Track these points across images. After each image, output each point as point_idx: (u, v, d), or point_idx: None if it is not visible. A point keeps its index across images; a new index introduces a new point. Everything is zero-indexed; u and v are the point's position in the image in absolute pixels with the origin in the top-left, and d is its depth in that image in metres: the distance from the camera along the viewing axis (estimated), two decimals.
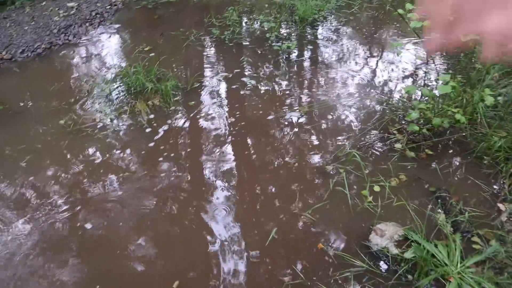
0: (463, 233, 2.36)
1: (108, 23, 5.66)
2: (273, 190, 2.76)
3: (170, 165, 3.04)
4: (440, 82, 2.64)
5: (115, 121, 3.53)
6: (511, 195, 2.58)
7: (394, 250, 2.26)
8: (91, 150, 3.23)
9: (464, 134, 3.00)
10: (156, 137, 3.31)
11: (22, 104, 3.89)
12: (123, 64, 4.41)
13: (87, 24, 5.52)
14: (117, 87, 4.00)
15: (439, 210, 2.52)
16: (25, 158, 3.20)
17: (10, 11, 6.01)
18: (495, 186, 2.68)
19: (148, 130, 3.40)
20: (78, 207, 2.75)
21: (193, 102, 3.71)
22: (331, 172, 2.85)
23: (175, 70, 4.22)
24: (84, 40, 5.20)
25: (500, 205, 2.55)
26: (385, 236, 2.33)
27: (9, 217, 2.72)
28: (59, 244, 2.51)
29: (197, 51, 4.64)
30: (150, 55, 4.53)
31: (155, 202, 2.75)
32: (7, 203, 2.83)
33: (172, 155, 3.13)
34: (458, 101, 3.19)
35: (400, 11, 2.80)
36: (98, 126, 3.48)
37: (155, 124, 3.45)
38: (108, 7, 6.10)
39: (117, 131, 3.42)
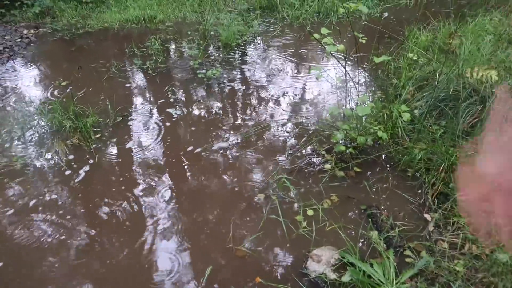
0: (395, 248, 2.40)
1: (20, 57, 5.27)
2: (205, 226, 2.64)
3: (93, 207, 2.81)
4: (360, 102, 2.73)
5: (29, 166, 3.22)
6: (435, 204, 2.69)
7: (332, 275, 2.24)
8: (3, 199, 2.90)
9: (387, 149, 3.11)
10: (77, 179, 3.06)
11: None
12: (38, 102, 4.08)
13: None
14: (30, 128, 3.69)
15: (372, 228, 2.55)
16: None
17: None
18: (420, 197, 2.78)
19: (67, 172, 3.13)
20: None
21: (116, 138, 3.50)
22: (264, 200, 2.80)
23: (96, 105, 3.98)
24: None
25: (426, 216, 2.65)
26: (321, 261, 2.30)
27: None
28: None
29: (119, 83, 4.44)
30: (68, 90, 4.26)
31: (84, 244, 2.51)
32: None
33: (95, 197, 2.90)
34: (379, 117, 3.33)
35: (316, 35, 2.87)
36: (11, 172, 3.15)
37: (75, 165, 3.19)
38: (19, 40, 5.70)
39: (32, 176, 3.11)
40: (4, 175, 3.12)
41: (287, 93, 4.13)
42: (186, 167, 3.17)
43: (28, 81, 4.68)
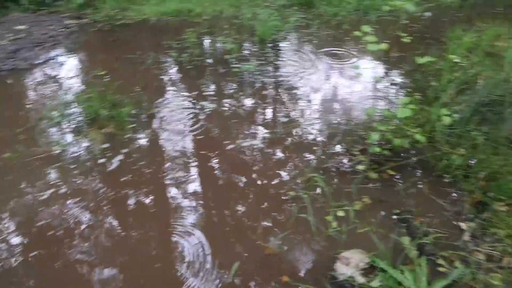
0: (428, 256, 2.31)
1: (62, 46, 5.44)
2: (235, 220, 2.64)
3: (124, 196, 2.87)
4: (400, 104, 2.64)
5: (66, 152, 3.31)
6: (472, 214, 2.58)
7: (361, 279, 2.18)
8: (38, 184, 3.00)
9: (424, 153, 3.00)
10: (110, 168, 3.13)
11: None
12: (76, 90, 4.20)
13: (38, 48, 5.27)
14: (69, 115, 3.79)
15: (404, 233, 2.47)
16: None
17: None
18: (456, 205, 2.68)
19: (101, 160, 3.20)
20: (26, 241, 2.52)
21: (149, 129, 3.55)
22: (294, 198, 2.76)
23: (132, 95, 4.05)
24: (34, 64, 4.95)
25: (462, 224, 2.54)
26: (350, 264, 2.25)
27: None
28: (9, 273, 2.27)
29: (155, 74, 4.50)
30: (106, 79, 4.36)
31: (113, 233, 2.57)
32: None
33: (128, 185, 2.96)
34: (417, 120, 3.22)
35: (358, 33, 2.80)
36: (48, 158, 3.25)
37: (109, 154, 3.26)
38: (62, 29, 5.88)
39: (68, 162, 3.20)
40: (42, 160, 3.23)
41: (320, 91, 4.07)
42: (216, 161, 3.17)
43: (68, 69, 4.82)
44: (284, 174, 3.01)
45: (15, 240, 2.58)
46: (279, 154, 3.21)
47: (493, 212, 2.52)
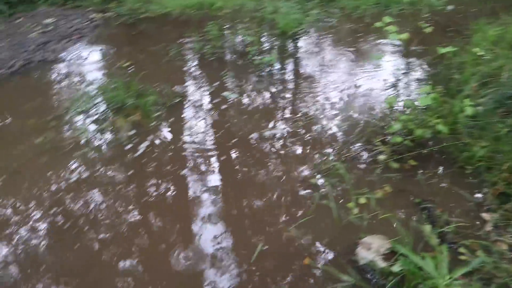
0: (449, 244, 2.33)
1: (87, 39, 5.58)
2: (258, 205, 2.71)
3: (151, 182, 2.96)
4: (421, 93, 2.65)
5: (93, 139, 3.43)
6: (495, 204, 2.58)
7: (381, 264, 2.22)
8: (68, 169, 3.12)
9: (446, 144, 3.00)
10: (136, 154, 3.23)
11: None
12: (103, 80, 4.32)
13: (65, 40, 5.43)
14: (96, 104, 3.91)
15: (425, 222, 2.49)
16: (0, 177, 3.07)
17: None
18: (478, 196, 2.68)
19: (128, 147, 3.31)
20: (57, 227, 2.63)
21: (173, 118, 3.64)
22: (317, 185, 2.81)
23: (156, 85, 4.15)
24: (62, 56, 5.10)
25: (485, 215, 2.54)
26: (371, 249, 2.29)
27: None
28: (37, 264, 2.39)
29: (177, 66, 4.60)
30: (130, 70, 4.47)
31: (136, 220, 2.66)
32: None
33: (153, 172, 3.05)
34: (439, 112, 3.21)
35: (379, 23, 2.82)
36: (76, 144, 3.38)
37: (135, 141, 3.37)
38: (87, 23, 6.03)
39: (95, 149, 3.32)
40: (70, 147, 3.35)
41: (340, 83, 4.09)
42: (238, 150, 3.24)
43: (93, 61, 4.96)
44: (305, 162, 3.05)
45: (41, 224, 2.69)
46: (300, 144, 3.26)
47: None
